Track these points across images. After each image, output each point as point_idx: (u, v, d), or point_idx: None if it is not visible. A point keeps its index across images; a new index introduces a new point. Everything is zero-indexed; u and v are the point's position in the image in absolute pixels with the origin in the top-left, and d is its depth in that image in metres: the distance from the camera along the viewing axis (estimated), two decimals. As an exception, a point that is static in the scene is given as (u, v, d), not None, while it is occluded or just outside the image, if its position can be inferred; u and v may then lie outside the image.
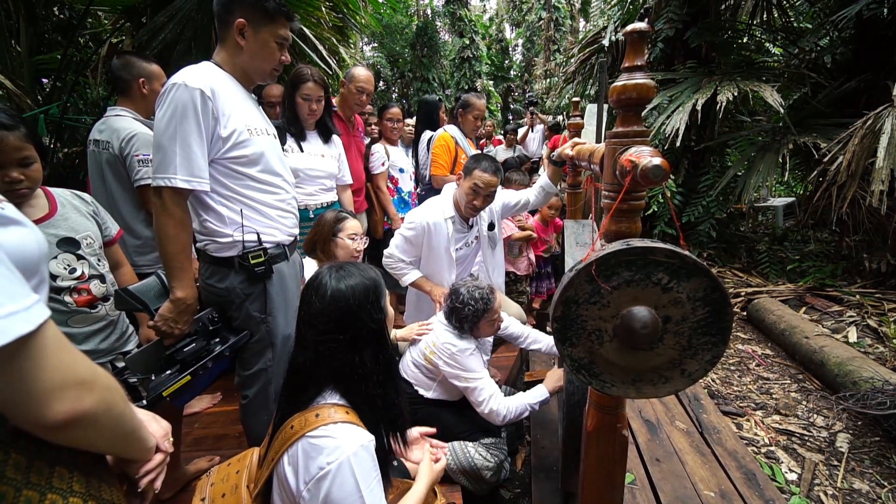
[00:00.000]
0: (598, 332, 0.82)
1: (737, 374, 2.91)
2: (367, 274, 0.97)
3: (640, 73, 0.83)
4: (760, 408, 2.56)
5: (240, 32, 1.31)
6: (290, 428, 0.85)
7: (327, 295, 0.91)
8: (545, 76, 14.43)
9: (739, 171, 4.26)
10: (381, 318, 0.95)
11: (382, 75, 14.87)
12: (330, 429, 0.83)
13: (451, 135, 2.95)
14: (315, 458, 0.81)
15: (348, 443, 0.82)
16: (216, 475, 0.98)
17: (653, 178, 0.71)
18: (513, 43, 16.86)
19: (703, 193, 4.50)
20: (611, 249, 0.77)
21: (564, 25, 14.30)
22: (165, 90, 1.24)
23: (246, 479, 0.93)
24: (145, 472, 0.66)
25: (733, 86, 3.79)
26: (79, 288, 1.34)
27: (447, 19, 13.57)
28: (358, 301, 0.92)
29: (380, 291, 0.97)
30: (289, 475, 0.83)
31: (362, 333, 0.92)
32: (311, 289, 0.95)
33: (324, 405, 0.88)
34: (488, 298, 1.68)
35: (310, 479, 0.80)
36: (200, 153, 1.26)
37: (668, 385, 0.81)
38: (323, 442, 0.82)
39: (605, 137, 0.93)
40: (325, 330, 0.89)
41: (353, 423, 0.86)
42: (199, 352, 1.32)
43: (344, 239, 1.80)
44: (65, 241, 1.32)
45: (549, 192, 2.19)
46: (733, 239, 4.92)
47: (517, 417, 1.65)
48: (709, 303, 0.76)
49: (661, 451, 1.97)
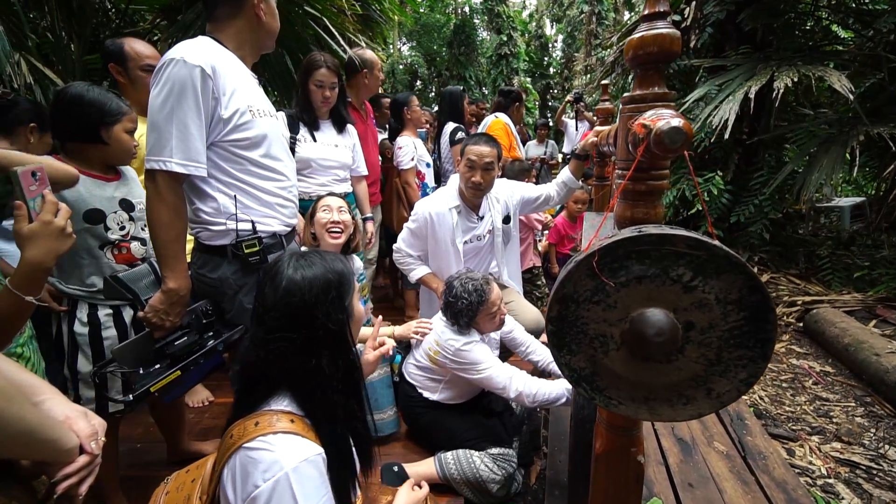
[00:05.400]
0: (601, 337, 0.67)
1: (790, 393, 2.59)
2: (332, 266, 0.85)
3: (663, 22, 0.68)
4: (817, 432, 2.25)
5: (261, 1, 1.28)
6: (230, 437, 0.76)
7: (281, 286, 0.80)
8: (585, 72, 13.92)
9: (799, 167, 3.85)
10: (341, 319, 0.83)
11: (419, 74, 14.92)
12: (269, 439, 0.73)
13: (504, 121, 3.06)
14: (251, 473, 0.71)
15: (288, 456, 0.72)
16: (173, 483, 0.91)
17: (670, 143, 0.56)
18: (553, 39, 16.41)
19: (755, 191, 4.11)
20: (618, 237, 0.63)
21: (608, 19, 13.72)
22: (162, 65, 1.17)
23: (199, 490, 0.85)
24: (63, 476, 0.59)
25: (793, 71, 3.41)
26: (121, 245, 1.36)
27: (485, 16, 13.39)
28: (315, 296, 0.80)
29: (344, 288, 0.85)
30: (228, 491, 0.73)
31: (318, 334, 0.80)
32: (266, 276, 0.84)
33: (266, 412, 0.78)
34: (482, 290, 1.55)
35: (245, 498, 0.70)
36: (198, 136, 1.19)
37: (690, 407, 0.65)
38: (259, 455, 0.72)
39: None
40: (276, 327, 0.79)
41: (298, 433, 0.75)
42: (192, 346, 1.27)
43: (318, 213, 1.70)
44: (124, 201, 1.37)
45: (572, 187, 2.02)
46: (790, 242, 4.47)
47: (553, 401, 1.52)
48: (745, 307, 0.60)
49: (694, 476, 1.75)
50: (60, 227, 0.80)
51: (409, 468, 1.58)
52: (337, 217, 1.70)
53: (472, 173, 1.82)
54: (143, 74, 1.74)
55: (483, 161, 1.80)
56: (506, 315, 1.66)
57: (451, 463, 1.56)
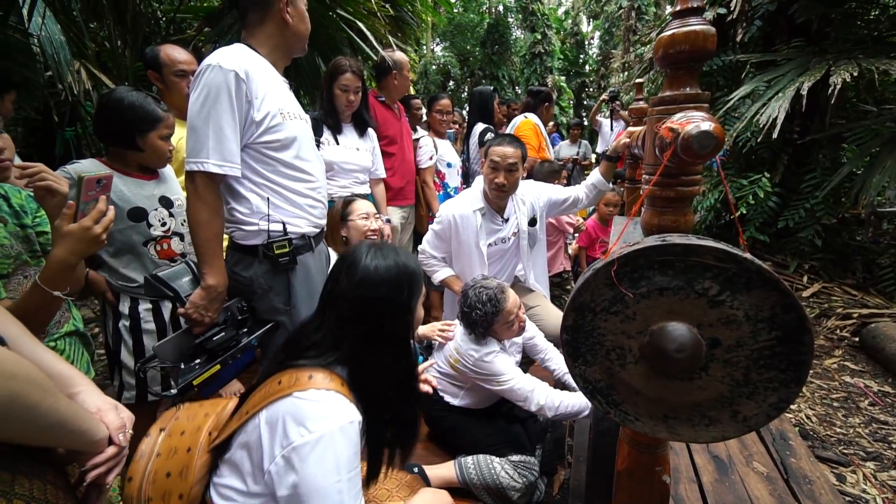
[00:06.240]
0: (619, 349, 0.64)
1: (841, 413, 2.40)
2: (406, 263, 0.86)
3: (696, 19, 0.64)
4: (873, 458, 2.07)
5: (287, 7, 1.31)
6: (278, 383, 0.76)
7: (356, 275, 0.82)
8: (623, 69, 13.44)
9: (858, 168, 3.56)
10: (408, 320, 0.86)
11: (452, 74, 14.91)
12: (323, 394, 0.74)
13: (534, 122, 3.05)
14: (300, 422, 0.71)
15: (339, 415, 0.72)
16: (184, 411, 0.91)
17: (697, 149, 0.53)
18: (589, 36, 15.98)
19: (806, 195, 3.83)
20: (639, 246, 0.60)
21: (648, 14, 13.18)
22: (200, 71, 1.24)
23: (211, 426, 0.85)
24: (93, 466, 0.63)
25: (852, 65, 3.15)
26: (162, 241, 1.45)
27: (519, 15, 13.21)
28: (388, 292, 0.82)
29: (415, 287, 0.87)
30: (264, 436, 0.73)
31: (384, 331, 0.83)
32: (343, 262, 0.86)
33: (319, 368, 0.78)
34: (497, 299, 1.51)
35: (287, 445, 0.70)
36: (233, 137, 1.25)
37: (714, 429, 0.61)
38: (311, 407, 0.72)
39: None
40: (346, 316, 0.81)
41: (347, 397, 0.76)
42: (228, 341, 1.32)
43: (356, 220, 1.74)
44: (163, 199, 1.46)
45: (602, 189, 1.95)
46: (846, 249, 4.13)
47: (575, 414, 1.50)
48: (777, 326, 0.55)
49: (730, 497, 1.65)
50: (96, 234, 0.85)
51: (429, 470, 1.57)
52: (374, 225, 1.76)
53: (495, 174, 1.79)
54: (177, 79, 1.81)
55: (506, 162, 1.78)
56: (525, 321, 1.63)
57: (472, 468, 1.55)
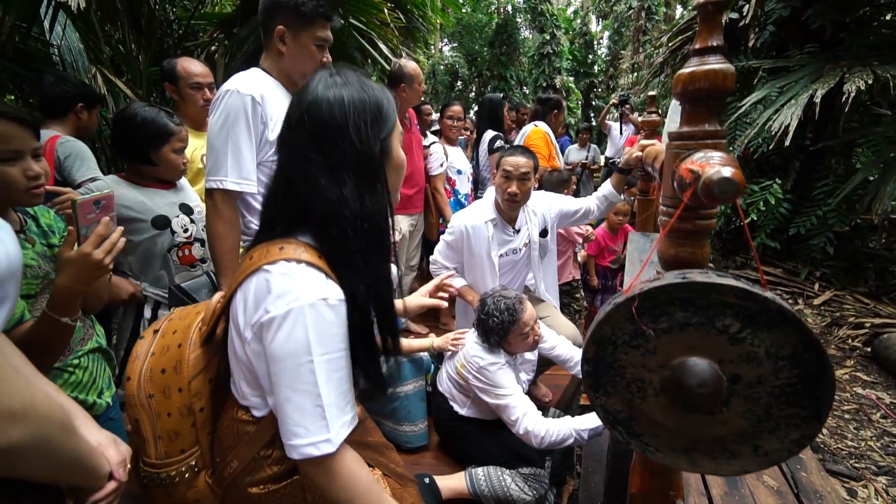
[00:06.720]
0: (639, 382, 0.65)
1: (853, 426, 2.38)
2: (370, 90, 0.74)
3: (715, 57, 0.65)
4: (885, 473, 2.05)
5: (280, 39, 1.34)
6: (249, 259, 0.71)
7: (306, 100, 0.71)
8: (632, 70, 13.37)
9: (871, 175, 3.52)
10: (373, 144, 0.72)
11: (460, 75, 14.91)
12: (291, 267, 0.67)
13: (544, 130, 3.03)
14: (266, 296, 0.66)
15: (307, 290, 0.65)
16: (177, 313, 0.89)
17: (719, 194, 0.54)
18: (598, 36, 15.88)
19: (818, 201, 3.81)
20: (660, 283, 0.61)
21: (658, 14, 13.08)
22: (219, 96, 1.31)
23: (200, 321, 0.82)
24: (93, 502, 0.62)
25: (867, 72, 3.12)
26: (184, 247, 1.49)
27: (528, 15, 13.17)
28: (345, 113, 0.70)
29: (383, 116, 0.74)
30: (238, 312, 0.70)
31: (346, 157, 0.70)
32: (296, 94, 0.76)
33: (292, 240, 0.71)
34: (515, 309, 1.52)
35: (255, 322, 0.67)
36: (250, 156, 1.31)
37: (735, 463, 0.62)
38: (278, 281, 0.66)
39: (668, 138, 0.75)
40: (299, 145, 0.71)
41: (323, 270, 0.68)
42: None
43: None
44: (183, 206, 1.50)
45: (613, 201, 1.96)
46: (858, 257, 4.09)
47: (559, 443, 1.48)
48: (799, 364, 0.56)
49: (740, 511, 1.65)
50: (97, 260, 0.82)
51: (439, 481, 1.59)
52: None
53: (508, 184, 1.81)
54: (193, 91, 1.85)
55: (519, 171, 1.79)
56: (540, 336, 1.64)
57: (482, 479, 1.56)
